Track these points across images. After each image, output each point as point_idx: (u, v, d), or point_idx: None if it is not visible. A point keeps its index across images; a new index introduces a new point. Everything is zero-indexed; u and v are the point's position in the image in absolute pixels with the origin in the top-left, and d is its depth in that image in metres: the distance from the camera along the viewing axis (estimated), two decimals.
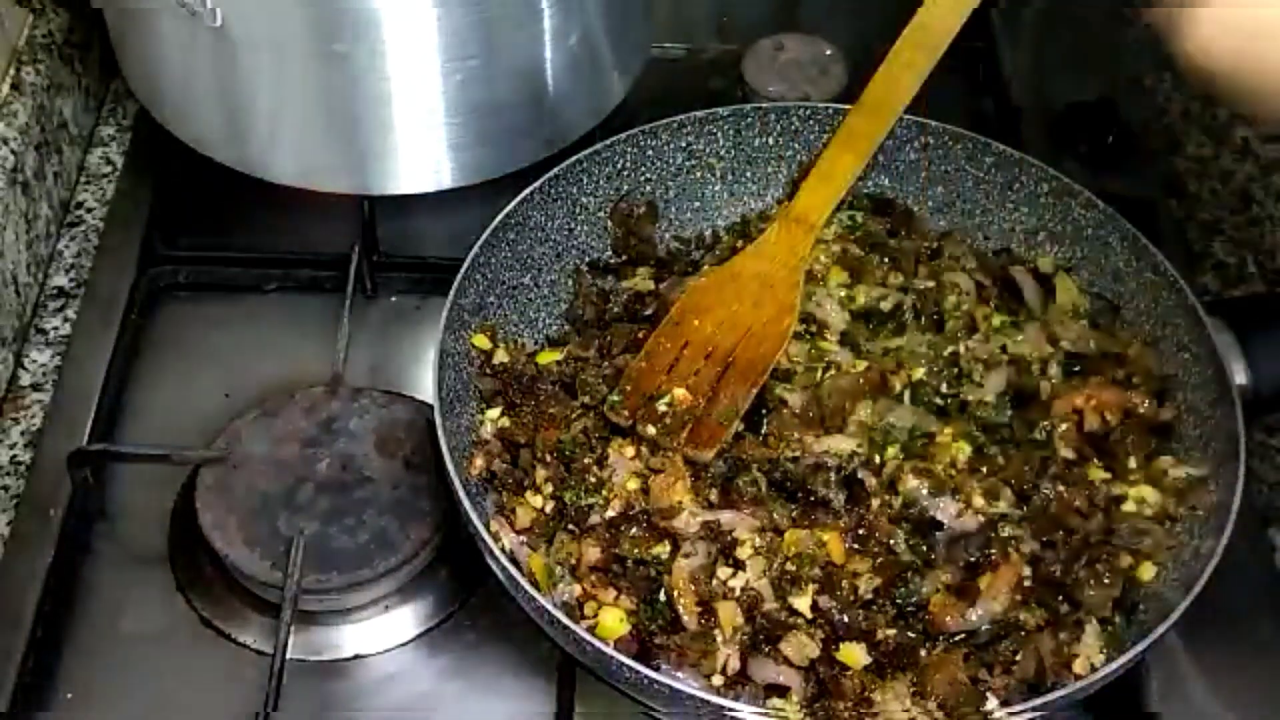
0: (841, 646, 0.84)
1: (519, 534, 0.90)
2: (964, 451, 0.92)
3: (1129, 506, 0.91)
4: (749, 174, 1.10)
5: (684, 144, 1.08)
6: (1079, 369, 0.97)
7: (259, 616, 0.95)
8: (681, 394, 0.93)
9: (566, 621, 0.81)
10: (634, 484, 0.90)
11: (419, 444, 0.99)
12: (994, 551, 0.87)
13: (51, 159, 1.17)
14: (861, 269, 1.02)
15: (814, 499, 0.89)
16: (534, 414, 0.94)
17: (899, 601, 0.86)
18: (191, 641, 0.94)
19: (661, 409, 0.93)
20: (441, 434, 0.87)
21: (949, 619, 0.85)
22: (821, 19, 1.36)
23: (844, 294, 1.00)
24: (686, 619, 0.85)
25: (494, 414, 0.96)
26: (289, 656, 0.89)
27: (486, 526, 0.87)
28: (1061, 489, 0.90)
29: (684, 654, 0.84)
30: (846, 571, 0.87)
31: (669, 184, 1.09)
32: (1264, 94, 0.78)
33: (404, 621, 0.96)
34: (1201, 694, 0.93)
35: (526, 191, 1.01)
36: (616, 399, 0.93)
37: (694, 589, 0.86)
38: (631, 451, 0.91)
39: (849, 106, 1.06)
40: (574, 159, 1.03)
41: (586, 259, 1.06)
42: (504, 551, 0.86)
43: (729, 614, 0.85)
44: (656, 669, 0.82)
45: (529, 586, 0.83)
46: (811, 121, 1.08)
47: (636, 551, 0.87)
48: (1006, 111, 1.28)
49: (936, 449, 0.91)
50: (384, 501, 0.96)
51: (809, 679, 0.84)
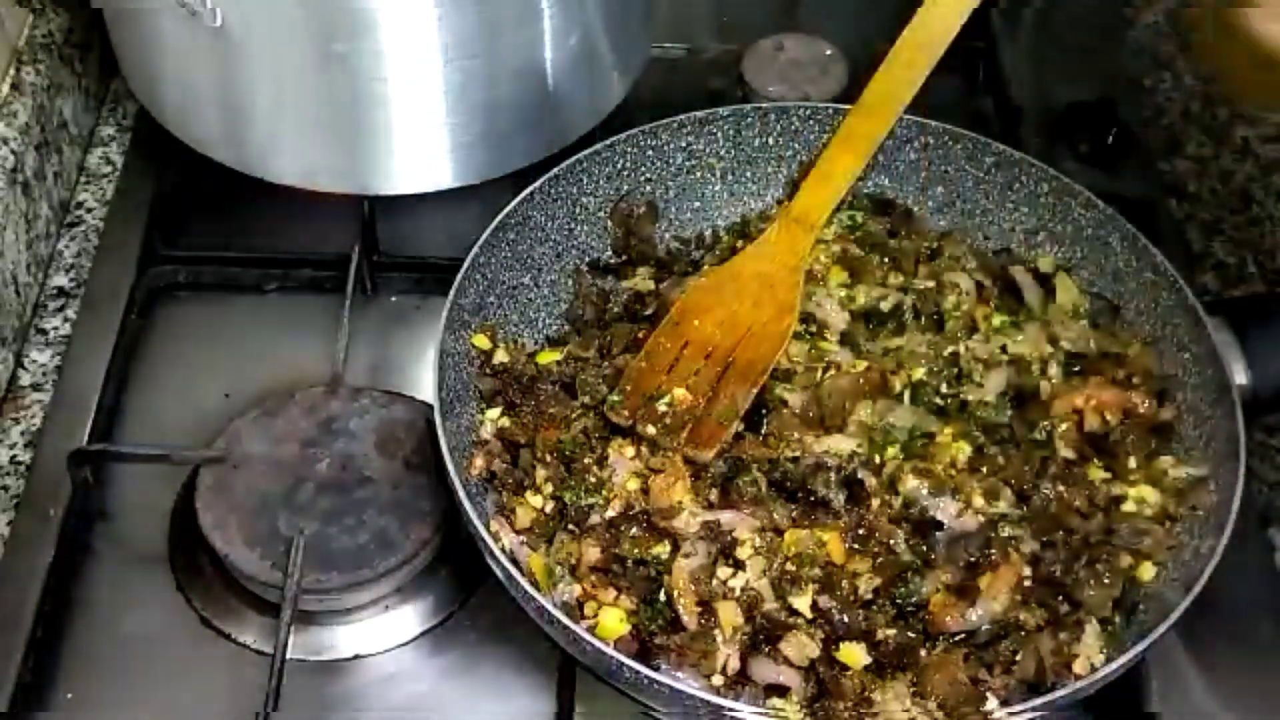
0: (841, 646, 0.84)
1: (519, 534, 0.90)
2: (964, 451, 0.92)
3: (1129, 506, 0.91)
4: (749, 174, 1.10)
5: (684, 144, 1.08)
6: (1079, 369, 0.97)
7: (259, 616, 0.95)
8: (681, 394, 0.93)
9: (566, 621, 0.81)
10: (634, 484, 0.90)
11: (419, 444, 0.99)
12: (994, 551, 0.87)
13: (51, 159, 1.17)
14: (861, 269, 1.02)
15: (814, 499, 0.89)
16: (534, 414, 0.94)
17: (899, 601, 0.86)
18: (191, 641, 0.94)
19: (661, 409, 0.93)
20: (441, 434, 0.87)
21: (949, 619, 0.85)
22: (821, 19, 1.36)
23: (844, 294, 1.00)
24: (686, 619, 0.85)
25: (494, 414, 0.96)
26: (289, 656, 0.89)
27: (486, 526, 0.87)
28: (1061, 489, 0.90)
29: (684, 654, 0.84)
30: (846, 571, 0.87)
31: (669, 184, 1.09)
32: None
33: (404, 621, 0.96)
34: (1201, 694, 0.93)
35: (526, 191, 1.01)
36: (616, 399, 0.93)
37: (694, 589, 0.86)
38: (631, 451, 0.91)
39: (849, 106, 1.06)
40: (574, 159, 1.03)
41: (586, 259, 1.06)
42: (504, 551, 0.86)
43: (729, 614, 0.85)
44: (656, 669, 0.82)
45: (529, 586, 0.83)
46: (811, 121, 1.08)
47: (636, 551, 0.87)
48: (1006, 111, 1.28)
49: (936, 449, 0.92)
50: (384, 501, 0.96)
51: (809, 679, 0.84)
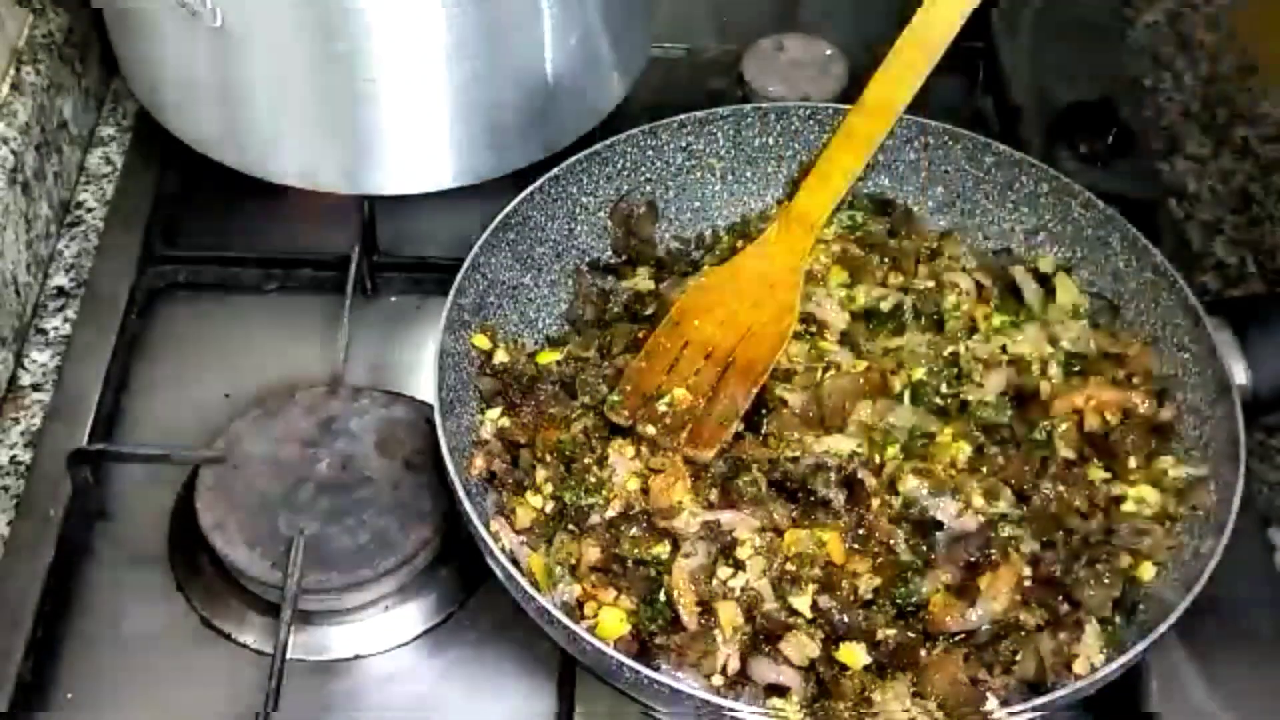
0: (841, 646, 0.84)
1: (519, 534, 0.90)
2: (964, 451, 0.92)
3: (1129, 506, 0.91)
4: (749, 174, 1.10)
5: (684, 144, 1.08)
6: (1079, 369, 0.97)
7: (259, 616, 0.95)
8: (681, 394, 0.93)
9: (566, 621, 0.81)
10: (634, 484, 0.90)
11: (419, 444, 0.99)
12: (994, 551, 0.87)
13: (51, 159, 1.17)
14: (861, 269, 1.02)
15: (814, 499, 0.89)
16: (534, 414, 0.94)
17: (899, 601, 0.86)
18: (191, 641, 0.94)
19: (661, 409, 0.93)
20: (441, 434, 0.87)
21: (949, 619, 0.85)
22: (821, 19, 1.36)
23: (844, 294, 1.00)
24: (686, 619, 0.85)
25: (494, 414, 0.96)
26: (289, 656, 0.89)
27: (486, 526, 0.87)
28: (1061, 489, 0.90)
29: (684, 654, 0.84)
30: (846, 571, 0.87)
31: (669, 184, 1.09)
32: None
33: (404, 621, 0.96)
34: (1201, 694, 0.93)
35: (526, 191, 1.01)
36: (616, 399, 0.93)
37: (694, 589, 0.86)
38: (631, 451, 0.91)
39: (849, 106, 1.05)
40: (574, 159, 1.03)
41: (586, 259, 1.06)
42: (504, 551, 0.86)
43: (729, 614, 0.85)
44: (656, 669, 0.82)
45: (529, 586, 0.83)
46: (811, 121, 1.08)
47: (636, 551, 0.87)
48: (1006, 111, 1.28)
49: (936, 449, 0.92)
50: (384, 501, 0.96)
51: (809, 679, 0.84)
